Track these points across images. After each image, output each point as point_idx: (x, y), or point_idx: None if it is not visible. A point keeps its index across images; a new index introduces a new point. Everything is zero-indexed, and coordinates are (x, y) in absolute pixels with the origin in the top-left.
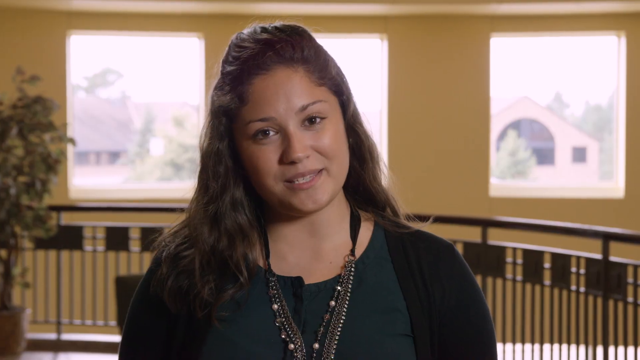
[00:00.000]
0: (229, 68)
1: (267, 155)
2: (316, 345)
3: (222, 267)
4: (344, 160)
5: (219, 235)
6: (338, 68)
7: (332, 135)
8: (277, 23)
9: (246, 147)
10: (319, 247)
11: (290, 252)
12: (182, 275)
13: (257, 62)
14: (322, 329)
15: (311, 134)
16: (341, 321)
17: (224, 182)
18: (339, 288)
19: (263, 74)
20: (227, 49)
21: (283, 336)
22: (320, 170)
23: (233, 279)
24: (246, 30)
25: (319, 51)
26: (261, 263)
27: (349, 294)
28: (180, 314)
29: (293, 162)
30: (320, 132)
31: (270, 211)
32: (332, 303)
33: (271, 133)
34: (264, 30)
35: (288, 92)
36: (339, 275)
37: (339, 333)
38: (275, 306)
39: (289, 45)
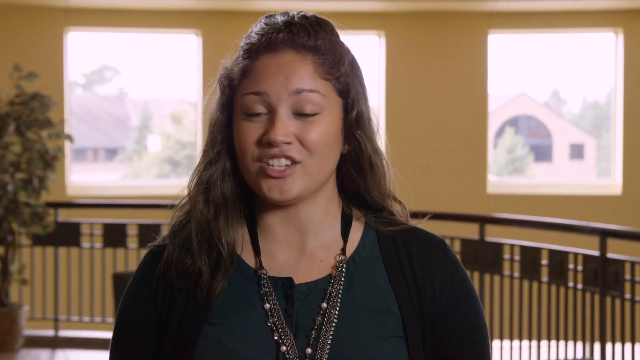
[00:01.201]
0: (245, 42)
1: (251, 132)
2: (309, 350)
3: (210, 242)
4: (326, 160)
5: (209, 205)
6: (354, 72)
7: (320, 132)
8: (308, 13)
9: (238, 121)
10: (307, 244)
11: (279, 251)
12: (183, 249)
13: (269, 41)
14: (314, 332)
15: (300, 124)
16: (333, 324)
17: (219, 150)
18: (330, 289)
19: (271, 53)
20: (253, 26)
21: (275, 337)
22: (296, 163)
23: (217, 260)
24: (279, 14)
25: (336, 47)
26: (252, 261)
27: (340, 295)
28: (173, 308)
29: (270, 145)
30: (310, 125)
31: (258, 207)
32: (324, 305)
33: (263, 112)
34: (289, 15)
35: (288, 73)
36: (330, 275)
37: (331, 337)
38: (268, 305)
39: (305, 32)
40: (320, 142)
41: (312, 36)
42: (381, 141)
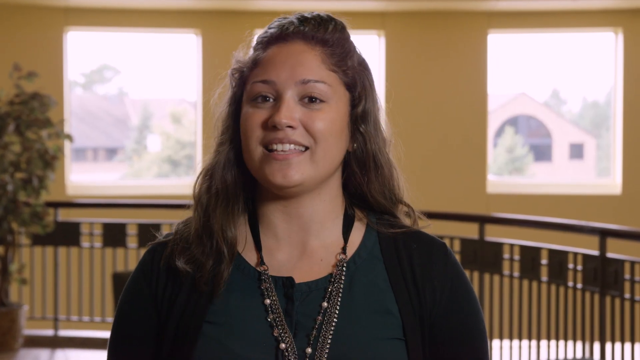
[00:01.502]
0: (258, 37)
1: (256, 117)
2: (309, 350)
3: (211, 233)
4: (333, 150)
5: (209, 193)
6: (362, 70)
7: (326, 119)
8: (323, 13)
9: (245, 110)
10: (308, 243)
11: (279, 248)
12: (187, 240)
13: (281, 33)
14: (314, 332)
15: (306, 110)
16: (333, 324)
17: (222, 140)
18: (330, 288)
19: (281, 43)
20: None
21: (275, 334)
22: (305, 149)
23: (218, 250)
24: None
25: (344, 42)
26: (252, 259)
27: (340, 295)
28: (173, 307)
29: (275, 128)
30: (315, 112)
31: (261, 201)
32: (325, 304)
33: (270, 99)
34: (303, 14)
35: (295, 63)
36: (331, 275)
37: (330, 337)
38: (268, 301)
39: (315, 26)
40: (325, 129)
41: (322, 29)
42: (390, 150)
